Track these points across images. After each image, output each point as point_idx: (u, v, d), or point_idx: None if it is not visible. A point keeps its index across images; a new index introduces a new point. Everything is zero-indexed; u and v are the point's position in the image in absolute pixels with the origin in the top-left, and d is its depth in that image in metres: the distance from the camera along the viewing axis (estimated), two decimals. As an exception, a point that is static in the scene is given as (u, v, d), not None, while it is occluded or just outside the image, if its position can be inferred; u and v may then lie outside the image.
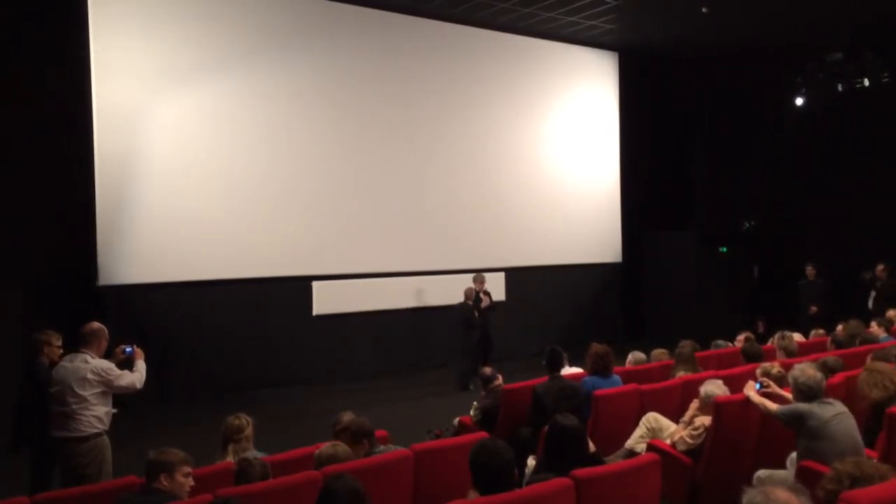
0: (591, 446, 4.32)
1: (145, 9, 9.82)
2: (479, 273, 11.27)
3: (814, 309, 12.24)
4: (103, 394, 5.26)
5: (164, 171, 9.98)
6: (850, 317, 8.70)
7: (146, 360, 5.60)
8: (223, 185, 10.39)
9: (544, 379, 6.26)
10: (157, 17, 9.92)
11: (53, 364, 5.53)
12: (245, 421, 4.81)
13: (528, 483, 3.83)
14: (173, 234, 9.99)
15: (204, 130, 10.30)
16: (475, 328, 10.80)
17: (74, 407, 5.13)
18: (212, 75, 10.33)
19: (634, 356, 7.65)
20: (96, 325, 5.46)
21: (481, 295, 11.02)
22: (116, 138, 9.62)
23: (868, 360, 6.59)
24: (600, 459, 4.32)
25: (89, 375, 5.17)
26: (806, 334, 9.09)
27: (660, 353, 7.61)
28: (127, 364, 5.51)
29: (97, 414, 5.22)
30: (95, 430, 5.20)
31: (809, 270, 12.63)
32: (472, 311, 10.79)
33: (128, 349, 5.56)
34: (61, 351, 5.67)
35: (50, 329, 5.79)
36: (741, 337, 8.31)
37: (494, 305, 11.18)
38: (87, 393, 5.16)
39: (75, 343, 5.40)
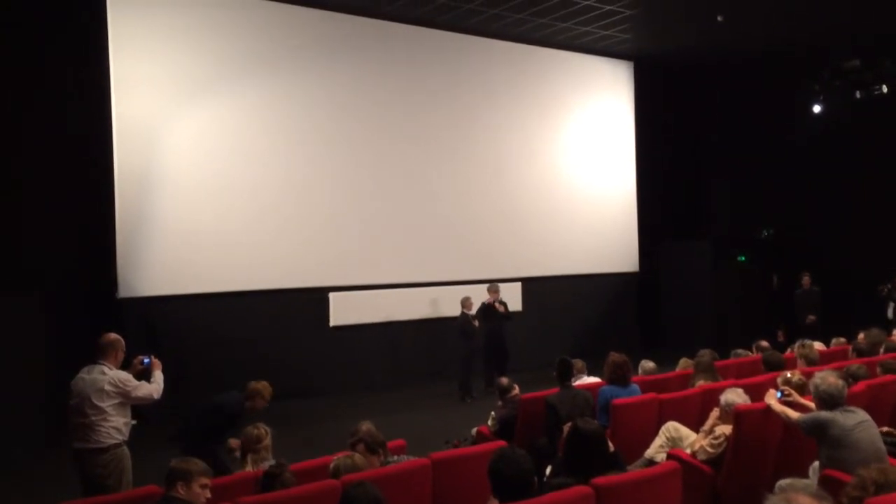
0: (611, 446, 4.29)
1: (164, 24, 9.94)
2: (493, 283, 11.26)
3: (811, 318, 12.20)
4: (121, 405, 5.26)
5: (183, 183, 10.06)
6: (869, 326, 8.60)
7: (163, 371, 5.61)
8: (241, 198, 10.45)
9: (556, 390, 6.31)
10: (176, 34, 10.04)
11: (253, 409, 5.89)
12: (264, 431, 4.82)
13: (546, 486, 3.81)
14: (192, 246, 10.05)
15: (221, 144, 10.38)
16: (473, 338, 10.79)
17: (93, 418, 5.13)
18: (229, 89, 10.42)
19: (644, 366, 7.62)
20: (113, 336, 5.46)
21: (496, 304, 11.00)
22: (136, 152, 9.73)
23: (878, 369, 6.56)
24: (620, 460, 4.29)
25: (107, 387, 5.17)
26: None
27: (686, 363, 7.56)
28: (144, 375, 5.52)
29: (116, 425, 5.22)
30: (115, 441, 5.20)
31: (805, 279, 12.60)
32: (470, 322, 10.79)
33: (145, 360, 5.57)
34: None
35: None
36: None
37: (510, 315, 11.15)
38: (105, 404, 5.16)
39: (94, 354, 5.41)
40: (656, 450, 5.67)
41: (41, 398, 8.27)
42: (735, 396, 5.36)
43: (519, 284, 12.85)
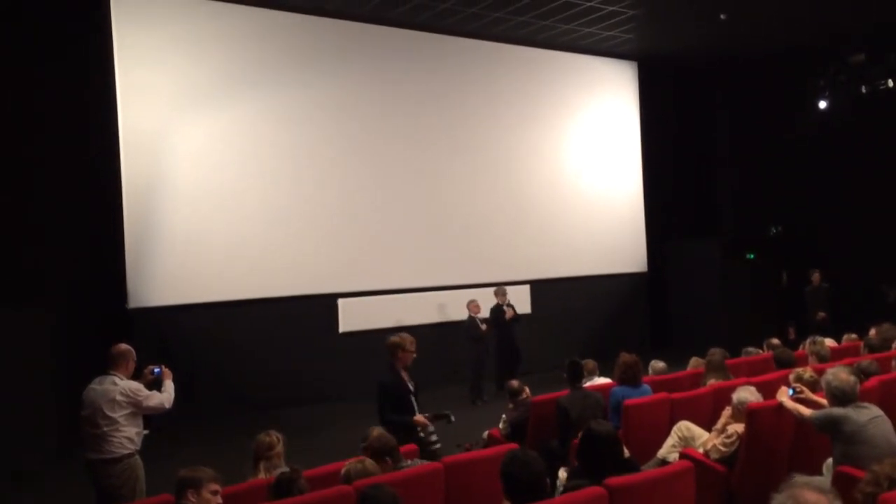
0: (626, 452, 4.28)
1: (169, 33, 9.98)
2: (500, 286, 11.26)
3: (822, 315, 12.18)
4: (133, 415, 5.26)
5: (190, 193, 10.09)
6: (881, 321, 8.55)
7: (174, 381, 5.62)
8: (248, 206, 10.48)
9: (567, 392, 6.32)
10: (181, 43, 10.08)
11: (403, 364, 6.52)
12: (276, 438, 4.81)
13: (563, 490, 3.80)
14: (200, 255, 10.08)
15: (228, 152, 10.41)
16: (481, 341, 10.80)
17: (105, 429, 5.13)
18: (235, 97, 10.45)
19: (654, 366, 7.61)
20: (123, 346, 5.47)
21: (504, 308, 11.00)
22: (142, 163, 9.77)
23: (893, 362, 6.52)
24: (636, 465, 4.27)
25: (118, 397, 5.17)
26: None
27: (697, 362, 7.55)
28: (155, 385, 5.51)
29: (128, 435, 5.22)
30: (127, 451, 5.20)
31: (815, 276, 12.58)
32: (477, 325, 10.79)
33: (156, 370, 5.56)
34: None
35: None
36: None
37: (518, 317, 11.15)
38: (116, 415, 5.16)
39: (105, 365, 5.42)
40: (668, 449, 5.65)
41: (53, 409, 8.30)
42: (747, 394, 5.34)
43: (527, 287, 12.83)
